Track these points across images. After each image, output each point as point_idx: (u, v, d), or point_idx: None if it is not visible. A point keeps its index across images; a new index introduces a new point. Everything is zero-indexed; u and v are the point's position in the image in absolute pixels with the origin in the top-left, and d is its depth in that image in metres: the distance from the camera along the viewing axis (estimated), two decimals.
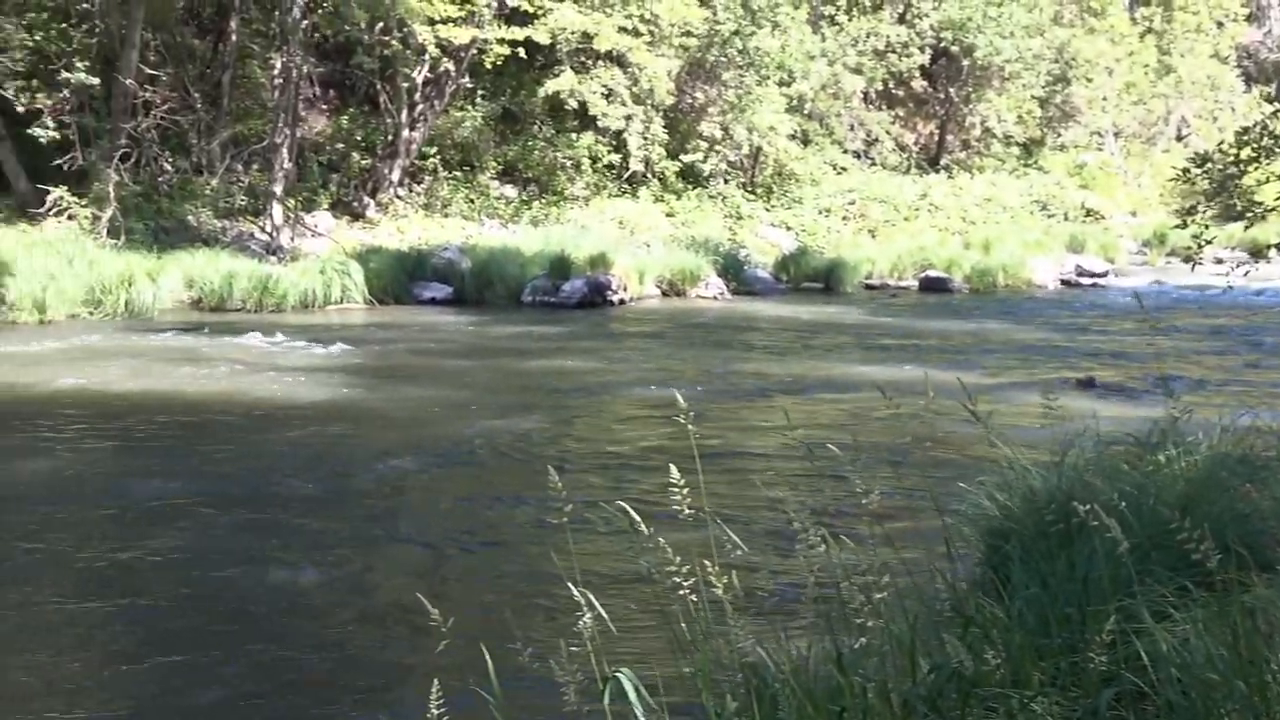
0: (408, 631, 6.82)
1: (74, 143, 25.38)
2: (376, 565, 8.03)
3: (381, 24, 29.33)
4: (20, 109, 25.23)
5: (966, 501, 6.13)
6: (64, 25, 26.27)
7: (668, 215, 33.18)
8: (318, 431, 12.09)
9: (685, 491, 3.51)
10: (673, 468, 3.53)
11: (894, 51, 41.05)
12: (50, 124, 25.22)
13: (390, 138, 31.42)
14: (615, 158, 33.45)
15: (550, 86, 32.11)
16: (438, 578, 7.77)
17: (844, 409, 13.24)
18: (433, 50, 29.13)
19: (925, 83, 44.00)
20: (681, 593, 3.50)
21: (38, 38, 25.79)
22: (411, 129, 31.36)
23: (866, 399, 13.52)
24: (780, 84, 36.37)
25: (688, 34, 34.02)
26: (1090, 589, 4.41)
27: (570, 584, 3.63)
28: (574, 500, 3.70)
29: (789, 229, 34.55)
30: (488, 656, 3.51)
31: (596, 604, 3.56)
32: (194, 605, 7.24)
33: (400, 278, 23.77)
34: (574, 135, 33.44)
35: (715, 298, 25.86)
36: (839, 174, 38.87)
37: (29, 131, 25.07)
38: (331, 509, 9.33)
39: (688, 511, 3.51)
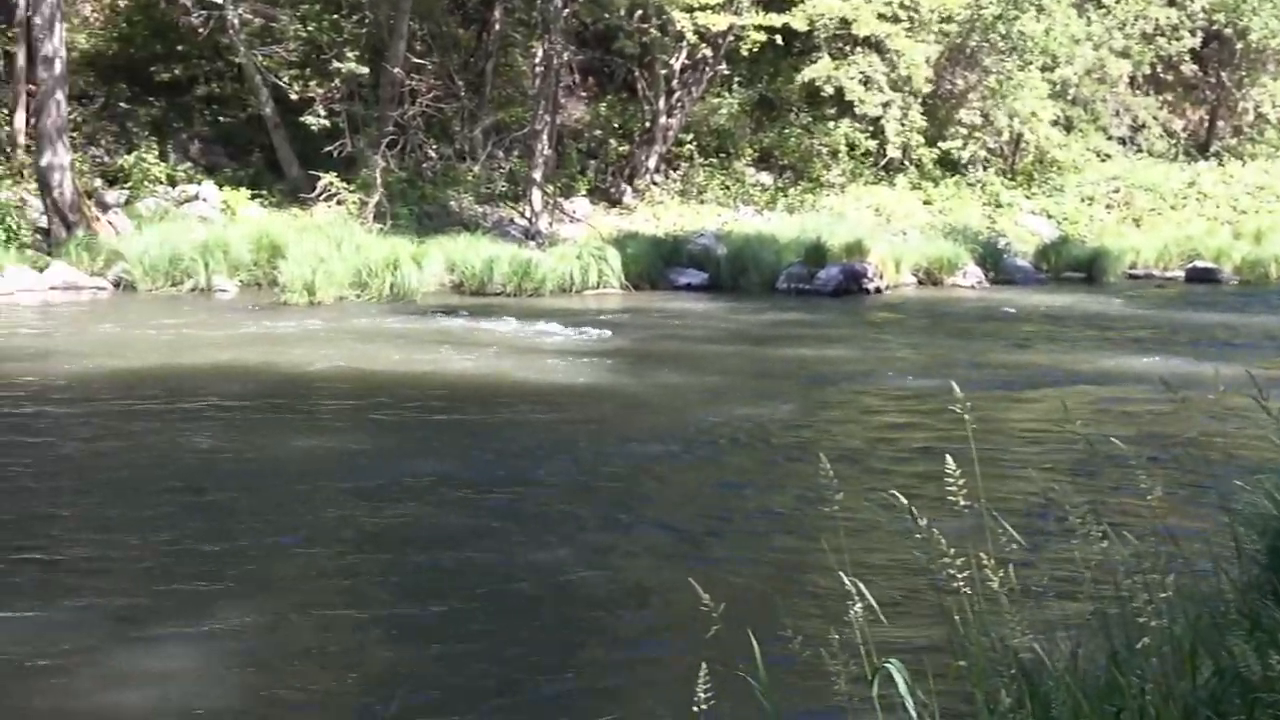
0: (670, 615, 6.86)
1: (343, 130, 26.24)
2: (636, 549, 8.08)
3: (640, 11, 29.57)
4: (294, 97, 26.25)
5: (1243, 500, 5.91)
6: (335, 16, 27.29)
7: (925, 203, 32.70)
8: (575, 415, 12.25)
9: (962, 481, 3.44)
10: (948, 458, 3.48)
11: (1163, 34, 39.66)
12: (321, 112, 26.19)
13: (648, 124, 31.68)
14: (872, 145, 33.11)
15: (807, 73, 31.89)
16: (700, 563, 7.76)
17: (1114, 401, 12.88)
18: (690, 37, 29.23)
19: (1195, 66, 42.45)
20: (956, 585, 3.44)
21: (310, 28, 26.84)
22: (669, 116, 31.56)
23: (1135, 391, 13.16)
24: (1043, 69, 35.48)
25: (948, 19, 33.52)
26: None
27: (840, 572, 3.60)
28: (839, 489, 3.65)
29: (1050, 217, 33.72)
30: (754, 642, 3.49)
31: (867, 593, 3.51)
32: (453, 586, 7.36)
33: (656, 263, 23.89)
34: (831, 122, 33.20)
35: (973, 287, 25.42)
36: (1103, 161, 37.77)
37: (301, 119, 26.05)
38: (589, 492, 9.43)
39: (963, 502, 3.45)
